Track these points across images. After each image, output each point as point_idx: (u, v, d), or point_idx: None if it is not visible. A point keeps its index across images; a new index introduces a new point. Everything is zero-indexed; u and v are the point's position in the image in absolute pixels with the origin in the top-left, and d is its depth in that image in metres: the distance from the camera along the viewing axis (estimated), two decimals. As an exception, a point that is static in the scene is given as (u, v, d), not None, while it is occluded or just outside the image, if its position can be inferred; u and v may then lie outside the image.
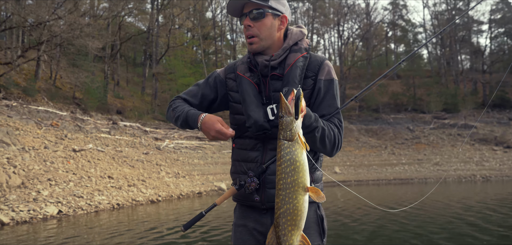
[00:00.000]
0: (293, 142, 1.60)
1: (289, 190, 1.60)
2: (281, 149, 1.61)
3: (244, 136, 1.99)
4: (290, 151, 1.60)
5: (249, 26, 1.89)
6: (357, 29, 48.96)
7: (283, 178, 1.60)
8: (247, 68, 1.99)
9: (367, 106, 38.66)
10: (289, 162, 1.59)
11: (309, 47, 1.99)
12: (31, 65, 25.61)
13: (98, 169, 14.73)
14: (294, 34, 1.98)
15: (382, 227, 8.79)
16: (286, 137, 1.59)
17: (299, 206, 1.60)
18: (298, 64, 1.90)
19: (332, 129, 1.86)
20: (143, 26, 40.98)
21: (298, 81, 1.87)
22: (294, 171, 1.59)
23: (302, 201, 1.61)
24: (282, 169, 1.60)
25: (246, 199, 1.96)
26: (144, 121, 27.27)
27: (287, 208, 1.60)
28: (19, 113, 18.33)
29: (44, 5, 23.09)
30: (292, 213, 1.60)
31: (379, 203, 12.96)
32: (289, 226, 1.62)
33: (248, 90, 1.93)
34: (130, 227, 9.01)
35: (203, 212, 1.93)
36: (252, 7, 1.88)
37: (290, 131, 1.59)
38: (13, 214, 9.18)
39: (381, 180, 23.24)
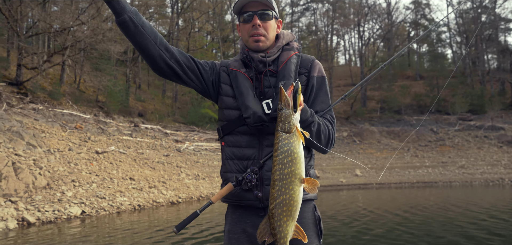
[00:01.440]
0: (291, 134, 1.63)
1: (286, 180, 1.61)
2: (279, 140, 1.63)
3: (236, 132, 1.95)
4: (288, 143, 1.63)
5: (259, 26, 1.95)
6: (378, 30, 48.28)
7: (280, 169, 1.62)
8: (242, 64, 2.04)
9: (388, 107, 37.98)
10: (287, 153, 1.62)
11: (300, 48, 2.09)
12: (56, 69, 26.36)
13: (120, 171, 14.97)
14: (286, 35, 2.09)
15: (391, 230, 8.56)
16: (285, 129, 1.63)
17: (295, 196, 1.62)
18: (292, 61, 1.98)
19: (326, 124, 1.92)
20: (164, 29, 41.59)
21: (293, 76, 1.93)
22: (291, 162, 1.62)
23: (298, 192, 1.63)
24: (279, 160, 1.63)
25: (242, 198, 1.91)
26: (165, 124, 27.61)
27: (283, 198, 1.61)
28: (45, 116, 18.85)
29: (68, 11, 23.76)
30: (288, 203, 1.62)
31: (399, 207, 12.66)
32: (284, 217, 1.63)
33: (244, 83, 1.96)
34: (151, 228, 9.10)
35: (197, 211, 1.89)
36: (260, 8, 1.95)
37: (289, 123, 1.62)
38: (39, 214, 9.41)
39: (403, 183, 22.72)
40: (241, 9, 1.99)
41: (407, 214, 11.01)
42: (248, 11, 1.96)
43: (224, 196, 1.96)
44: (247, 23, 1.97)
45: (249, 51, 2.00)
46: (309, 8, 51.59)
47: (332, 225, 9.39)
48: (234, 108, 1.97)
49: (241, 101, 1.92)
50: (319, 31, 50.34)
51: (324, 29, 50.80)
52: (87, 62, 28.39)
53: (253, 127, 1.90)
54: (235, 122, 1.95)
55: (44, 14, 22.51)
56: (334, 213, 11.42)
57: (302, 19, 54.76)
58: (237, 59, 2.08)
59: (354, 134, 32.39)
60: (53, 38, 25.44)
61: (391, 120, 35.63)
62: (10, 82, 20.52)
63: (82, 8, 26.23)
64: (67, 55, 23.51)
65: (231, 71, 2.03)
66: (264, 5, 1.95)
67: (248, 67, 2.01)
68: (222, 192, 1.91)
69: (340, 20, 48.93)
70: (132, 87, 32.87)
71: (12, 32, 22.00)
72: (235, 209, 1.99)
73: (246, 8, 1.97)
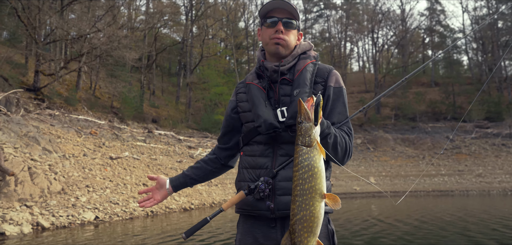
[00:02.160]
0: (312, 148, 1.59)
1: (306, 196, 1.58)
2: (299, 155, 1.59)
3: (252, 142, 1.98)
4: (309, 157, 1.59)
5: (282, 32, 1.95)
6: (392, 36, 47.81)
7: (300, 184, 1.58)
8: (256, 76, 2.06)
9: (403, 115, 37.49)
10: (307, 167, 1.58)
11: (317, 56, 2.05)
12: (72, 76, 26.84)
13: (134, 177, 15.09)
14: (302, 44, 2.07)
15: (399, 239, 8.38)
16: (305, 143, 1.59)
17: (316, 212, 1.59)
18: (308, 69, 1.95)
19: (343, 136, 1.87)
20: (178, 37, 42.05)
21: (309, 85, 1.91)
22: (312, 177, 1.58)
23: (319, 208, 1.59)
24: (299, 175, 1.59)
25: (254, 207, 1.89)
26: (178, 130, 27.79)
27: (304, 214, 1.58)
28: (61, 122, 19.18)
29: (85, 19, 24.23)
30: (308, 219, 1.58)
31: (412, 215, 12.43)
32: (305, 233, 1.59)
33: (256, 94, 1.97)
34: (162, 234, 9.11)
35: (207, 218, 1.90)
36: (286, 16, 1.96)
37: (309, 137, 1.59)
38: (53, 219, 9.53)
39: (419, 191, 22.33)
40: (266, 14, 2.00)
41: (420, 222, 10.79)
42: (274, 17, 1.97)
43: (236, 206, 1.98)
44: (271, 28, 1.98)
45: (264, 62, 2.01)
46: (323, 15, 51.51)
47: (341, 233, 9.26)
48: (251, 120, 1.99)
49: (254, 111, 1.94)
50: (333, 38, 50.16)
51: (337, 36, 50.62)
52: (102, 68, 28.86)
53: (266, 135, 1.90)
54: (251, 132, 1.98)
55: (62, 21, 22.99)
56: (343, 222, 11.26)
57: (315, 26, 54.65)
58: (253, 72, 2.11)
59: (368, 141, 32.04)
60: (70, 45, 25.95)
61: (406, 128, 35.14)
62: (27, 88, 20.96)
63: (99, 15, 26.71)
64: (83, 62, 23.92)
65: (246, 85, 2.07)
66: (290, 14, 1.97)
67: (262, 77, 2.02)
68: (233, 200, 1.92)
69: (353, 26, 48.67)
70: (146, 93, 33.24)
71: (30, 39, 22.51)
72: (247, 219, 1.98)
73: (271, 13, 1.98)
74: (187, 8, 38.73)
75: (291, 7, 1.96)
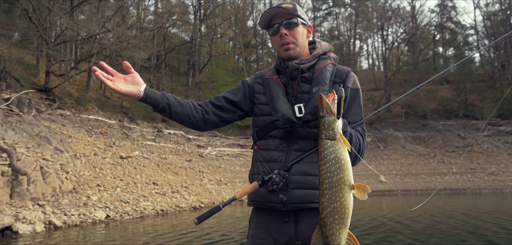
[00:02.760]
0: (336, 141, 1.62)
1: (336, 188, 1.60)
2: (324, 148, 1.62)
3: (267, 137, 2.01)
4: (334, 150, 1.61)
5: (286, 35, 2.00)
6: (402, 33, 47.30)
7: (328, 177, 1.61)
8: (275, 72, 2.10)
9: (413, 112, 37.10)
10: (334, 160, 1.61)
11: (337, 59, 2.10)
12: (83, 76, 27.09)
13: (144, 176, 15.17)
14: (323, 45, 2.13)
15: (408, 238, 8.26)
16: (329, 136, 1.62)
17: (346, 204, 1.60)
18: (328, 68, 2.00)
19: (357, 136, 1.91)
20: (187, 36, 42.18)
21: (328, 83, 1.95)
22: (340, 169, 1.60)
23: (349, 199, 1.61)
24: (326, 168, 1.61)
25: (266, 200, 1.91)
26: (188, 129, 27.85)
27: (335, 207, 1.60)
28: (72, 122, 19.36)
29: (95, 19, 24.42)
30: (339, 211, 1.60)
31: (423, 214, 12.27)
32: (337, 225, 1.61)
33: (276, 88, 2.02)
34: (173, 232, 9.13)
35: (220, 205, 1.92)
36: (285, 18, 2.00)
37: (333, 130, 1.61)
38: (65, 218, 9.61)
39: (430, 190, 22.05)
40: (268, 23, 2.06)
41: (432, 221, 10.65)
42: (275, 24, 2.03)
43: (248, 198, 2.01)
44: (276, 35, 2.04)
45: (284, 60, 2.06)
46: (331, 13, 51.22)
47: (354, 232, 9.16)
48: (268, 114, 2.03)
49: (272, 105, 1.98)
50: (342, 35, 49.85)
51: (346, 34, 50.28)
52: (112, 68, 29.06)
53: (282, 129, 1.94)
54: (267, 126, 2.01)
55: (72, 22, 23.20)
56: (352, 221, 11.17)
57: (324, 24, 54.38)
58: (272, 68, 2.15)
59: (378, 139, 31.78)
60: (80, 46, 26.19)
61: (416, 126, 34.76)
62: (39, 89, 21.20)
63: (108, 16, 26.91)
64: (93, 62, 24.11)
65: (265, 79, 2.11)
66: (288, 14, 2.00)
67: (282, 74, 2.06)
68: (247, 189, 1.93)
69: (363, 24, 48.29)
70: (155, 93, 33.36)
71: (41, 40, 22.76)
72: (260, 214, 1.99)
73: (272, 21, 2.04)
74: (195, 7, 38.83)
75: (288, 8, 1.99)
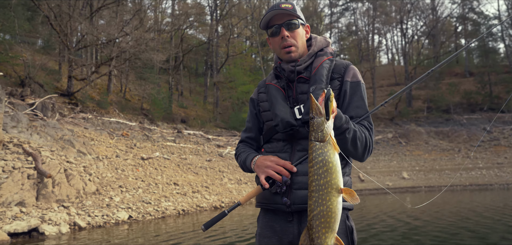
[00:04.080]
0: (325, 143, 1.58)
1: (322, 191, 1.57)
2: (313, 150, 1.59)
3: (272, 140, 2.05)
4: (322, 152, 1.58)
5: (287, 37, 1.98)
6: (422, 26, 46.27)
7: (315, 180, 1.58)
8: (274, 76, 2.12)
9: (436, 107, 36.22)
10: (322, 163, 1.58)
11: (335, 53, 2.09)
12: (103, 80, 27.57)
13: (165, 176, 15.29)
14: (318, 41, 2.11)
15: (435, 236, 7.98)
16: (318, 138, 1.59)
17: (332, 207, 1.57)
18: (324, 65, 1.99)
19: (363, 131, 1.85)
20: (204, 37, 42.40)
21: (325, 81, 1.93)
22: (327, 172, 1.57)
23: (336, 203, 1.58)
24: (314, 171, 1.58)
25: (271, 201, 1.95)
26: (207, 129, 28.00)
27: (321, 210, 1.57)
28: (94, 125, 19.71)
29: (113, 24, 24.81)
30: (325, 215, 1.57)
31: (450, 210, 11.90)
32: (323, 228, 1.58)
33: (275, 94, 2.03)
34: (194, 232, 9.14)
35: (225, 211, 1.97)
36: (285, 19, 1.98)
37: (321, 132, 1.58)
38: (89, 219, 9.75)
39: (455, 186, 21.48)
40: (267, 24, 2.04)
41: (456, 218, 10.31)
42: (275, 25, 2.00)
43: (256, 200, 2.08)
44: (276, 36, 2.02)
45: (281, 63, 2.07)
46: (349, 8, 50.56)
47: (370, 231, 8.96)
48: (271, 119, 2.06)
49: (272, 111, 2.01)
50: (360, 31, 49.16)
51: (364, 29, 49.50)
52: (132, 71, 29.50)
53: (283, 133, 1.96)
54: (270, 131, 2.05)
55: (92, 27, 23.64)
56: (373, 217, 10.92)
57: (341, 19, 53.83)
58: (272, 73, 2.17)
59: (400, 135, 31.15)
60: (100, 50, 26.68)
61: (439, 120, 33.91)
62: (62, 94, 21.68)
63: (126, 20, 27.29)
64: (113, 65, 24.51)
65: (266, 85, 2.14)
66: (289, 16, 1.99)
67: (280, 78, 2.08)
68: (250, 194, 2.01)
69: (381, 18, 47.44)
70: (174, 94, 33.71)
71: (63, 46, 23.27)
72: (266, 213, 2.03)
73: (272, 22, 2.02)
74: (211, 8, 38.98)
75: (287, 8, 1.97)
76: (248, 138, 2.22)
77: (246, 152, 2.13)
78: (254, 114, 2.21)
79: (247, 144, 2.22)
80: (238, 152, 2.23)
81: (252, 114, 2.23)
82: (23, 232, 8.27)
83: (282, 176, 1.85)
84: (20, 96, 17.80)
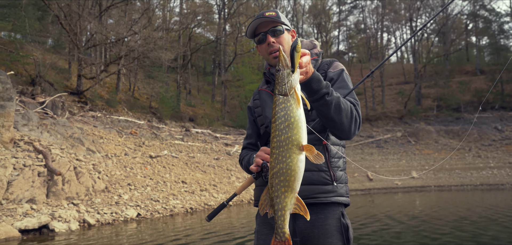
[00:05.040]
0: (288, 97, 1.51)
1: (283, 148, 1.50)
2: (276, 105, 1.53)
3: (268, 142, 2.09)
4: (285, 106, 1.51)
5: (273, 43, 2.04)
6: (432, 24, 45.70)
7: (277, 136, 1.52)
8: (264, 82, 2.24)
9: (446, 105, 35.82)
10: (283, 118, 1.51)
11: (320, 53, 2.16)
12: (112, 78, 27.77)
13: (173, 174, 15.34)
14: (304, 44, 2.21)
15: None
16: (281, 91, 1.51)
17: (292, 165, 1.50)
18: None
19: (346, 101, 1.84)
20: (212, 36, 42.46)
21: None
22: (288, 127, 1.50)
23: (296, 160, 1.50)
24: (276, 126, 1.52)
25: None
26: (215, 128, 28.04)
27: (281, 167, 1.51)
28: (103, 123, 19.86)
29: (122, 23, 24.95)
30: (285, 173, 1.50)
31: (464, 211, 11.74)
32: (282, 188, 1.52)
33: (265, 98, 2.15)
34: (204, 231, 9.15)
35: (225, 202, 2.13)
36: (270, 26, 2.05)
37: (285, 85, 1.50)
38: (98, 216, 9.83)
39: (465, 185, 21.20)
40: (254, 33, 2.10)
41: (469, 220, 10.17)
42: (260, 32, 2.07)
43: (254, 199, 2.18)
44: (263, 43, 2.08)
45: (270, 68, 2.18)
46: (357, 6, 50.20)
47: (380, 231, 8.87)
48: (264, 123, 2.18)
49: (263, 114, 2.13)
50: (368, 28, 48.80)
51: (373, 27, 49.16)
52: (140, 70, 29.66)
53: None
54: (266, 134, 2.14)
55: (101, 26, 23.80)
56: (382, 218, 10.83)
57: (350, 17, 53.45)
58: (263, 79, 2.28)
59: (409, 134, 30.87)
60: (109, 49, 26.86)
61: (449, 119, 33.53)
62: (71, 92, 21.88)
63: (135, 19, 27.44)
64: (122, 64, 24.66)
65: (259, 91, 2.24)
66: (274, 23, 2.05)
67: (270, 83, 2.18)
68: (244, 184, 2.12)
69: (390, 16, 47.01)
70: (182, 93, 33.81)
71: (72, 45, 23.48)
72: None
73: (258, 30, 2.08)
74: (219, 7, 39.00)
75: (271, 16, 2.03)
76: (249, 144, 2.32)
77: (249, 155, 2.22)
78: (252, 121, 2.30)
79: (249, 149, 2.31)
80: (241, 157, 2.32)
81: (250, 122, 2.32)
82: (33, 228, 8.36)
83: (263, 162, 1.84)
84: (31, 95, 18.00)
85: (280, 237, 1.59)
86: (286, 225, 1.57)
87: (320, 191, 1.92)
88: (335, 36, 54.71)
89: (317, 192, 1.92)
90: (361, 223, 9.81)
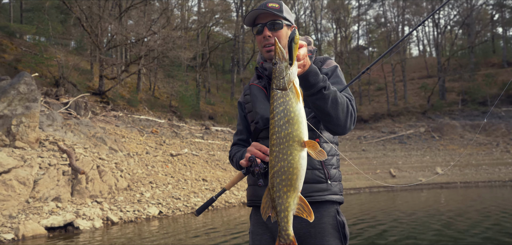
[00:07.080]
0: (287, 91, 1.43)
1: (283, 145, 1.42)
2: (274, 100, 1.45)
3: (259, 138, 2.03)
4: (284, 101, 1.43)
5: (269, 37, 1.97)
6: (455, 16, 44.44)
7: (276, 132, 1.44)
8: (256, 77, 2.16)
9: (471, 99, 34.73)
10: (283, 113, 1.43)
11: (315, 50, 2.11)
12: (133, 78, 28.16)
13: (193, 172, 15.40)
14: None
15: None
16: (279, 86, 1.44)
17: (294, 163, 1.42)
18: None
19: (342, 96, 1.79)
20: (230, 34, 42.49)
21: None
22: (288, 123, 1.43)
23: (298, 157, 1.43)
24: (275, 122, 1.44)
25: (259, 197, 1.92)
26: (234, 126, 28.04)
27: (282, 166, 1.43)
28: (125, 122, 20.14)
29: (142, 23, 25.24)
30: (287, 171, 1.42)
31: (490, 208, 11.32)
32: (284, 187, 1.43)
33: (256, 93, 2.06)
34: (224, 229, 9.11)
35: (213, 197, 2.16)
36: (270, 19, 1.97)
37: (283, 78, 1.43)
38: (121, 214, 9.93)
39: (493, 181, 20.50)
40: (253, 22, 2.03)
41: (494, 217, 9.78)
42: (259, 23, 2.00)
43: (247, 198, 2.10)
44: (260, 35, 2.01)
45: (263, 63, 2.09)
46: (377, 0, 49.26)
47: (398, 229, 8.61)
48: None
49: (253, 110, 2.04)
50: (389, 22, 47.80)
51: (394, 20, 48.12)
52: (160, 69, 29.95)
53: (265, 130, 1.96)
54: (256, 130, 2.07)
55: (121, 27, 24.14)
56: (407, 214, 10.53)
57: (369, 11, 52.51)
58: (254, 74, 2.20)
59: (433, 129, 30.10)
60: (129, 49, 27.23)
61: (475, 113, 32.50)
62: (94, 92, 22.29)
63: (154, 19, 27.72)
64: (142, 64, 24.95)
65: (250, 86, 2.16)
66: (274, 16, 1.97)
67: (262, 78, 2.11)
68: (234, 180, 2.08)
69: (411, 9, 45.86)
70: (202, 91, 33.99)
71: (94, 46, 23.90)
72: (257, 210, 2.04)
73: (257, 20, 2.01)
74: (237, 4, 39.00)
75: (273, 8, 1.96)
76: (240, 140, 2.25)
77: (240, 151, 2.15)
78: (243, 116, 2.23)
79: (239, 145, 2.24)
80: (231, 154, 2.23)
81: (241, 117, 2.25)
82: (59, 226, 8.51)
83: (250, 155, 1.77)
84: (55, 95, 18.42)
85: (284, 239, 1.50)
86: (290, 226, 1.48)
87: (314, 190, 1.88)
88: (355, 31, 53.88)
89: (311, 190, 1.87)
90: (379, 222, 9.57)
